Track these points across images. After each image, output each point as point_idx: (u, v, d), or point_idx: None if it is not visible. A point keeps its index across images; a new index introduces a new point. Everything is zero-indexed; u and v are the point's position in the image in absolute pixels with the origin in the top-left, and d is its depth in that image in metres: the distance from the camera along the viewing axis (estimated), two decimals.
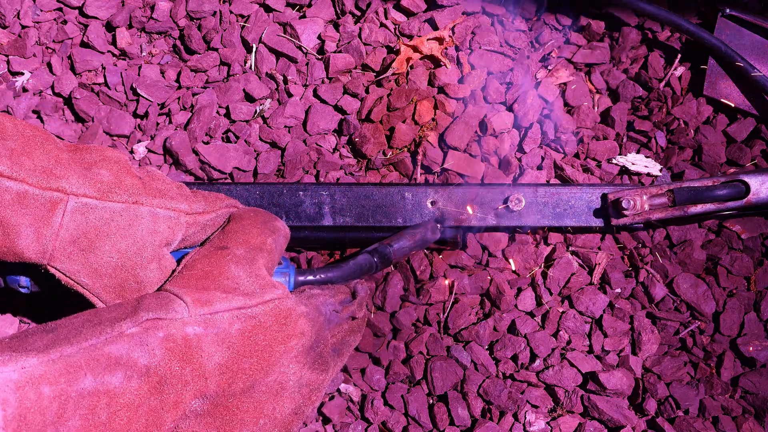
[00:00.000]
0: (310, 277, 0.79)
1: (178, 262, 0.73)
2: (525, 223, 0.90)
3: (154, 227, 0.71)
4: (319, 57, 0.99)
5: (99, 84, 1.00)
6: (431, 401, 0.88)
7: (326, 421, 0.87)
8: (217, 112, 0.98)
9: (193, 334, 0.63)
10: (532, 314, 0.90)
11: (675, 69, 0.97)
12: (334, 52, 0.98)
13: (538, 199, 0.89)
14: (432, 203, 0.90)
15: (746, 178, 0.85)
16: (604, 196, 0.89)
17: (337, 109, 0.97)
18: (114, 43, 1.01)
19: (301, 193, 0.90)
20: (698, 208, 0.86)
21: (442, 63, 0.98)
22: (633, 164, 0.93)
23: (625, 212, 0.85)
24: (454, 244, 0.90)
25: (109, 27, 1.02)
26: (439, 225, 0.90)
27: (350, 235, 0.90)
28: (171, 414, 0.61)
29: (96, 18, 1.02)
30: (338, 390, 0.89)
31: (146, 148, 0.97)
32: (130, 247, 0.70)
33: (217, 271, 0.68)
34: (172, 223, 0.72)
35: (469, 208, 0.90)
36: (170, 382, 0.61)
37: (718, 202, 0.85)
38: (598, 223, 0.89)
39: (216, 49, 1.00)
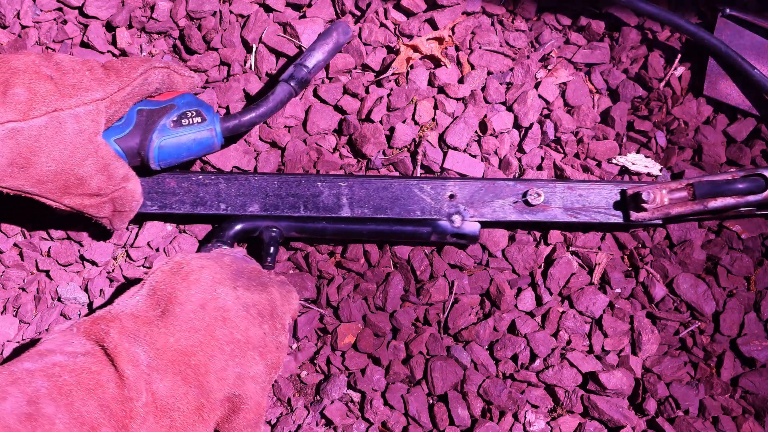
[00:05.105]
0: (236, 121, 0.86)
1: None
2: (544, 218, 0.89)
3: (79, 127, 0.76)
4: None
5: None
6: (431, 401, 0.88)
7: (328, 423, 0.87)
8: (217, 112, 0.98)
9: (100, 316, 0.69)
10: (532, 314, 0.90)
11: (675, 69, 0.97)
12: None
13: (557, 194, 0.89)
14: (451, 196, 0.89)
15: (765, 173, 0.85)
16: (623, 192, 0.88)
17: (337, 109, 0.97)
18: (114, 43, 1.01)
19: (319, 183, 0.90)
20: (718, 203, 0.85)
21: (442, 63, 0.98)
22: (633, 164, 0.93)
23: (645, 206, 0.85)
24: (474, 239, 0.89)
25: (109, 27, 1.02)
26: (349, 25, 0.91)
27: (368, 227, 0.90)
28: (125, 365, 0.65)
29: (96, 18, 1.02)
30: None
31: None
32: (63, 153, 0.75)
33: None
34: (93, 116, 0.77)
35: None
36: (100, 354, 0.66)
37: (738, 196, 0.85)
38: (617, 218, 0.89)
39: (216, 49, 1.00)
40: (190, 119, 0.84)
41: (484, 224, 0.90)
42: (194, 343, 0.67)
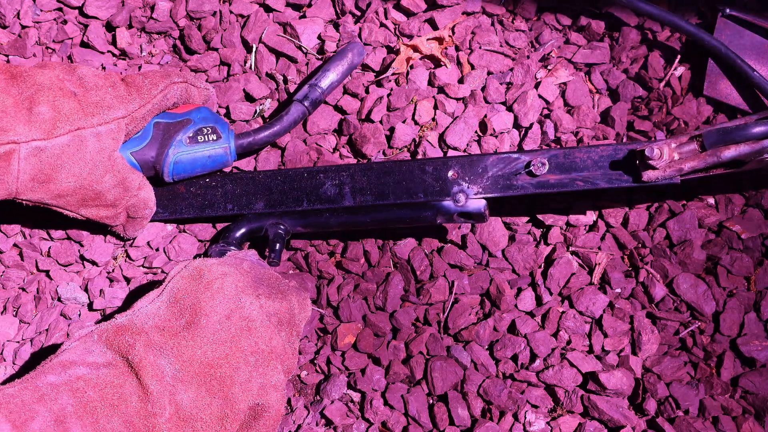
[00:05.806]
0: (250, 139, 0.88)
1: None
2: (551, 188, 0.85)
3: (100, 145, 0.78)
4: (319, 57, 0.99)
5: None
6: (431, 401, 0.88)
7: (328, 423, 0.87)
8: (217, 112, 0.98)
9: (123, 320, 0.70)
10: (532, 314, 0.90)
11: (675, 69, 0.97)
12: (334, 52, 0.98)
13: (563, 163, 0.85)
14: (453, 175, 0.87)
15: None
16: (631, 153, 0.84)
17: (337, 109, 0.97)
18: (114, 43, 1.01)
19: (321, 175, 0.90)
20: (732, 151, 0.79)
21: (442, 63, 0.98)
22: None
23: (653, 163, 0.80)
24: (480, 217, 0.87)
25: (109, 27, 1.02)
26: (363, 47, 0.93)
27: (371, 215, 0.88)
28: (150, 380, 0.64)
29: (96, 18, 1.02)
30: None
31: None
32: (83, 169, 0.77)
33: None
34: (114, 134, 0.79)
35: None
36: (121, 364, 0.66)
37: (753, 141, 0.79)
38: (628, 182, 0.84)
39: (216, 49, 1.00)
40: (206, 136, 0.86)
41: (491, 200, 0.88)
42: (220, 355, 0.67)
